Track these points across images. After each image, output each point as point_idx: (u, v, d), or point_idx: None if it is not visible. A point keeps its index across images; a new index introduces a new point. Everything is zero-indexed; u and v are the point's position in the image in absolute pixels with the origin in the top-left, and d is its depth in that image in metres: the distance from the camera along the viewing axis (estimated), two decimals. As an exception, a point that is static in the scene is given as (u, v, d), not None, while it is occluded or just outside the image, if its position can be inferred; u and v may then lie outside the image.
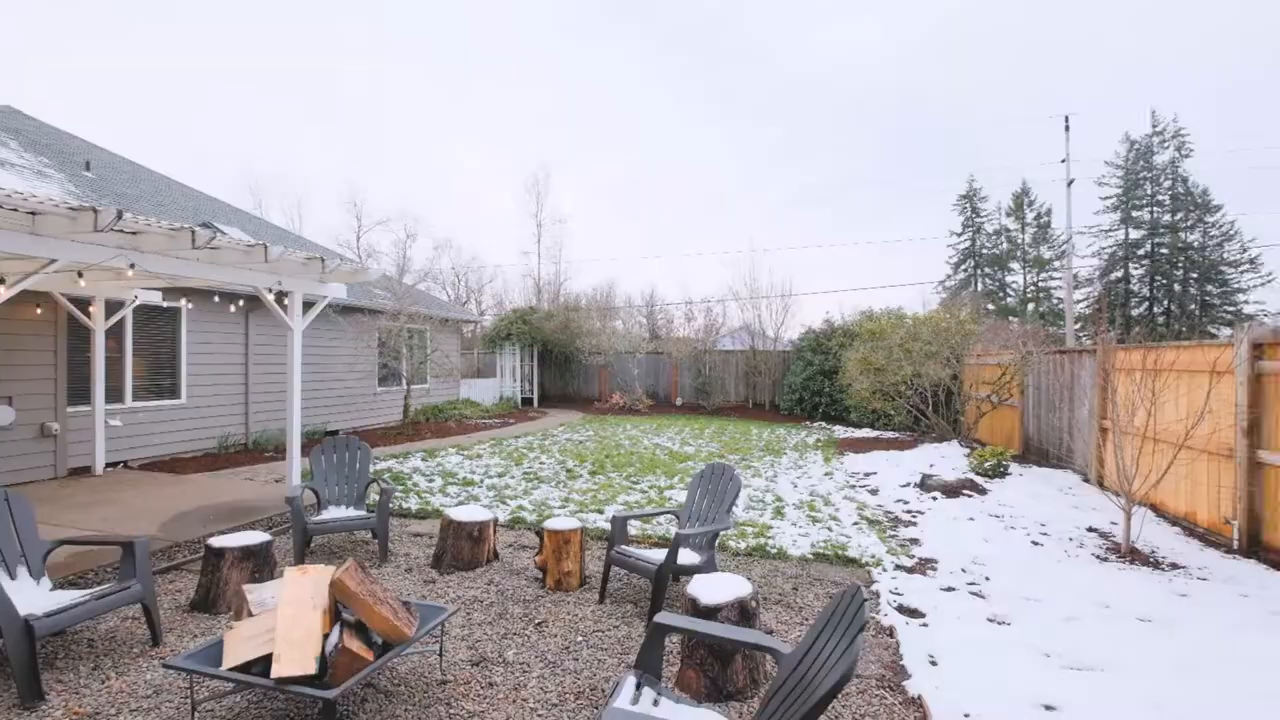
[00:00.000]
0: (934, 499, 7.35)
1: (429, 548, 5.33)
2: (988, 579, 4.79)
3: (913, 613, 4.18)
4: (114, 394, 8.63)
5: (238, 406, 10.54)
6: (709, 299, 20.85)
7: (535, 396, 20.11)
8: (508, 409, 17.71)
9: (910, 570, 5.03)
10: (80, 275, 6.05)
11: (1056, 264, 37.03)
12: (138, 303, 8.40)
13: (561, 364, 20.73)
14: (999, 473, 8.38)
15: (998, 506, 6.97)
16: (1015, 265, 41.13)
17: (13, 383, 7.28)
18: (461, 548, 4.89)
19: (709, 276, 45.73)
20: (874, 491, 7.95)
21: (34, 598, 3.33)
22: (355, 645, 2.67)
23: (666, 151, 60.64)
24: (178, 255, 5.58)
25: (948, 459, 9.69)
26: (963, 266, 42.80)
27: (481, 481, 7.99)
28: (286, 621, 2.62)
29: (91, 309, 7.94)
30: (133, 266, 5.29)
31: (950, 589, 4.59)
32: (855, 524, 6.34)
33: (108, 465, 8.31)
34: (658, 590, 3.97)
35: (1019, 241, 40.94)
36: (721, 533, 5.92)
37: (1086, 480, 8.02)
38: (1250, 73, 46.54)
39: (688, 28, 58.54)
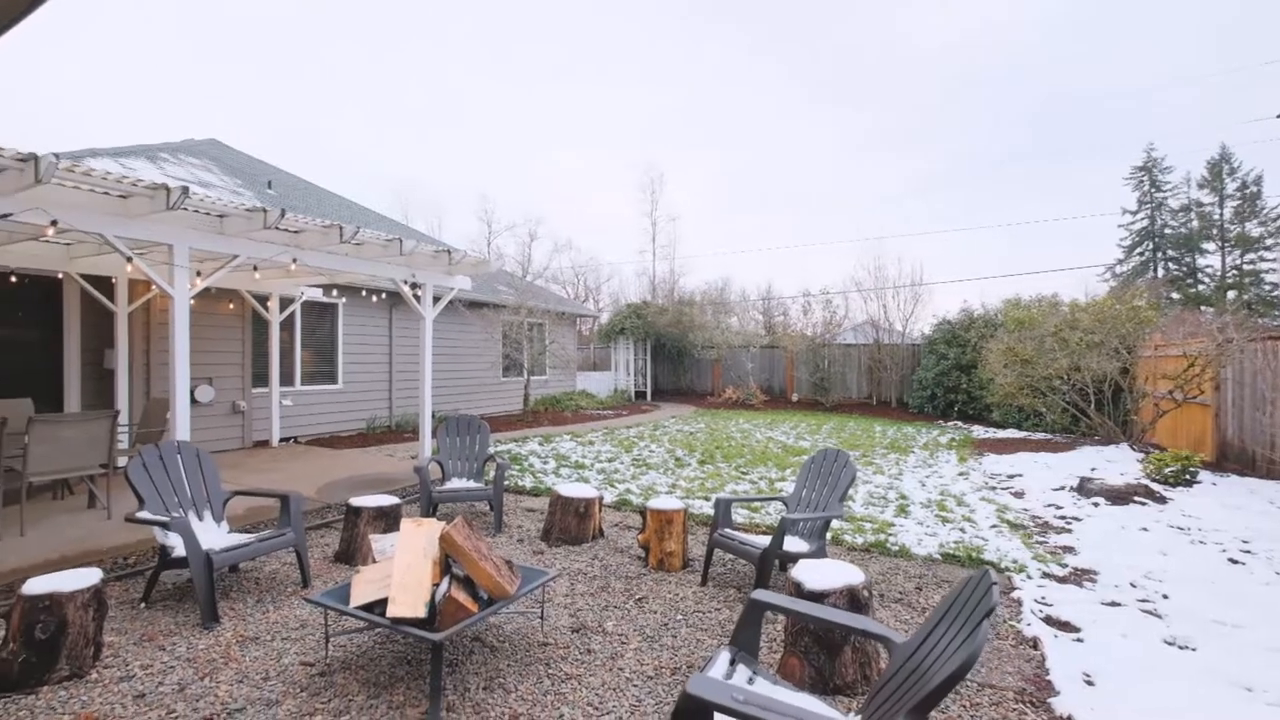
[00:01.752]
0: (1094, 505, 6.36)
1: (540, 522, 5.54)
2: (1165, 596, 4.03)
3: (1063, 625, 3.62)
4: (286, 379, 9.96)
5: (383, 392, 11.74)
6: (828, 290, 19.77)
7: (648, 390, 20.35)
8: (621, 401, 18.09)
9: (1062, 580, 4.37)
10: (255, 269, 7.01)
11: (1269, 241, 30.74)
12: (304, 298, 9.63)
13: (674, 358, 20.78)
14: (1184, 480, 7.07)
15: (1181, 518, 5.88)
16: (1210, 246, 34.76)
17: (212, 366, 8.65)
18: (569, 523, 5.02)
19: (829, 269, 43.45)
20: (1018, 494, 7.06)
21: (214, 537, 3.90)
22: (462, 596, 2.80)
23: (778, 145, 58.87)
24: (329, 250, 6.29)
25: (1114, 463, 8.36)
26: (1139, 250, 36.98)
27: (592, 465, 8.20)
28: (401, 568, 2.82)
29: (269, 304, 9.21)
30: (295, 260, 6.04)
31: (1114, 604, 3.92)
32: (994, 527, 5.65)
33: (281, 440, 9.61)
34: (761, 575, 3.79)
35: (1215, 218, 34.54)
36: (835, 525, 5.57)
37: (1309, 493, 6.52)
38: None
39: (789, 20, 56.10)
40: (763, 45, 58.06)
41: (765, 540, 4.01)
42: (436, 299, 7.75)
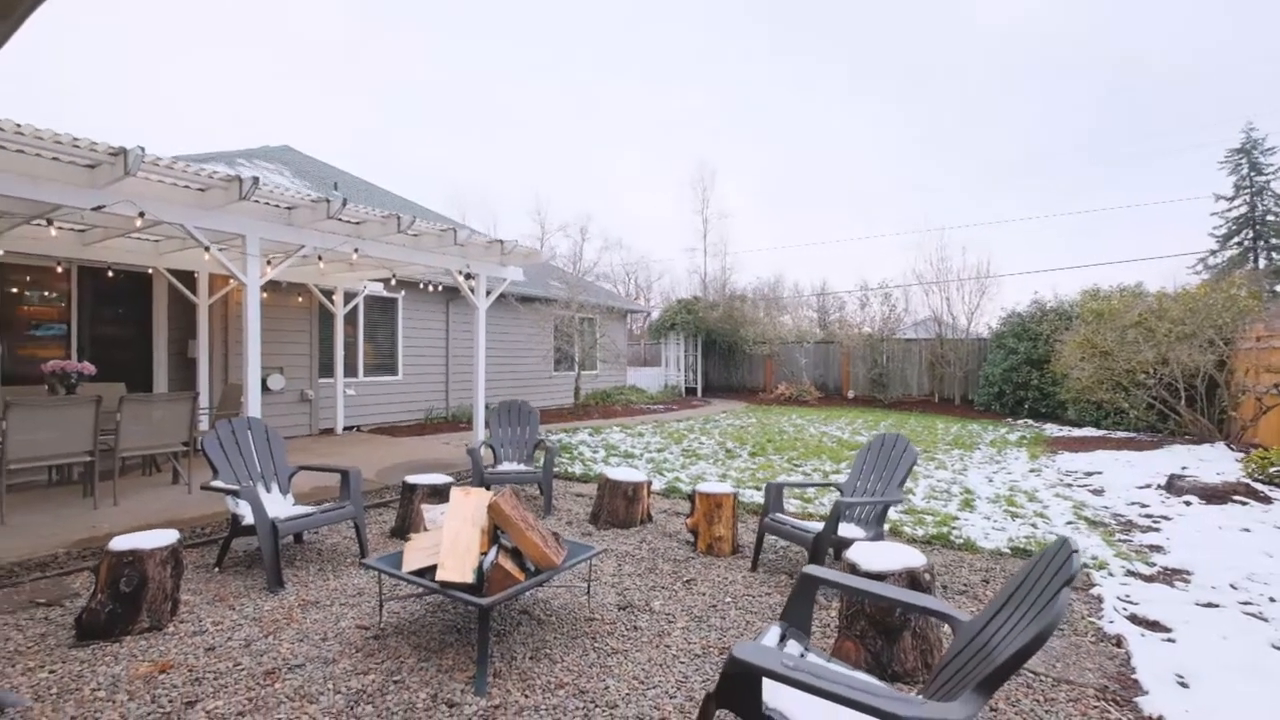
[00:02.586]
0: (1186, 504, 5.83)
1: (589, 506, 5.55)
2: (1272, 600, 3.64)
3: (1152, 625, 3.32)
4: (350, 370, 10.40)
5: (440, 384, 12.10)
6: (887, 283, 18.99)
7: (698, 386, 20.17)
8: (671, 397, 18.01)
9: (1149, 579, 4.02)
10: (320, 259, 7.33)
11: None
12: (366, 292, 10.03)
13: (725, 354, 20.52)
14: (1292, 480, 6.39)
15: (1290, 519, 5.31)
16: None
17: (283, 356, 9.13)
18: (617, 506, 5.00)
19: (887, 264, 41.85)
20: (1097, 492, 6.56)
21: (280, 508, 4.08)
22: (509, 565, 2.81)
23: (832, 140, 57.40)
24: (388, 241, 6.51)
25: (1207, 462, 7.66)
26: (1236, 239, 33.90)
27: (641, 455, 8.17)
28: (450, 535, 2.86)
29: (334, 298, 9.65)
30: (356, 251, 6.29)
31: (1212, 605, 3.57)
32: (1070, 523, 5.27)
33: (345, 428, 10.05)
34: (814, 560, 3.64)
35: (1327, 201, 31.28)
36: (893, 517, 5.34)
37: None
38: None
39: (843, 11, 54.37)
40: (815, 39, 56.78)
41: (819, 526, 3.86)
42: (489, 291, 7.91)
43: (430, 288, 10.80)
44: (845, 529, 3.92)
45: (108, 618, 2.95)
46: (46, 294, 7.32)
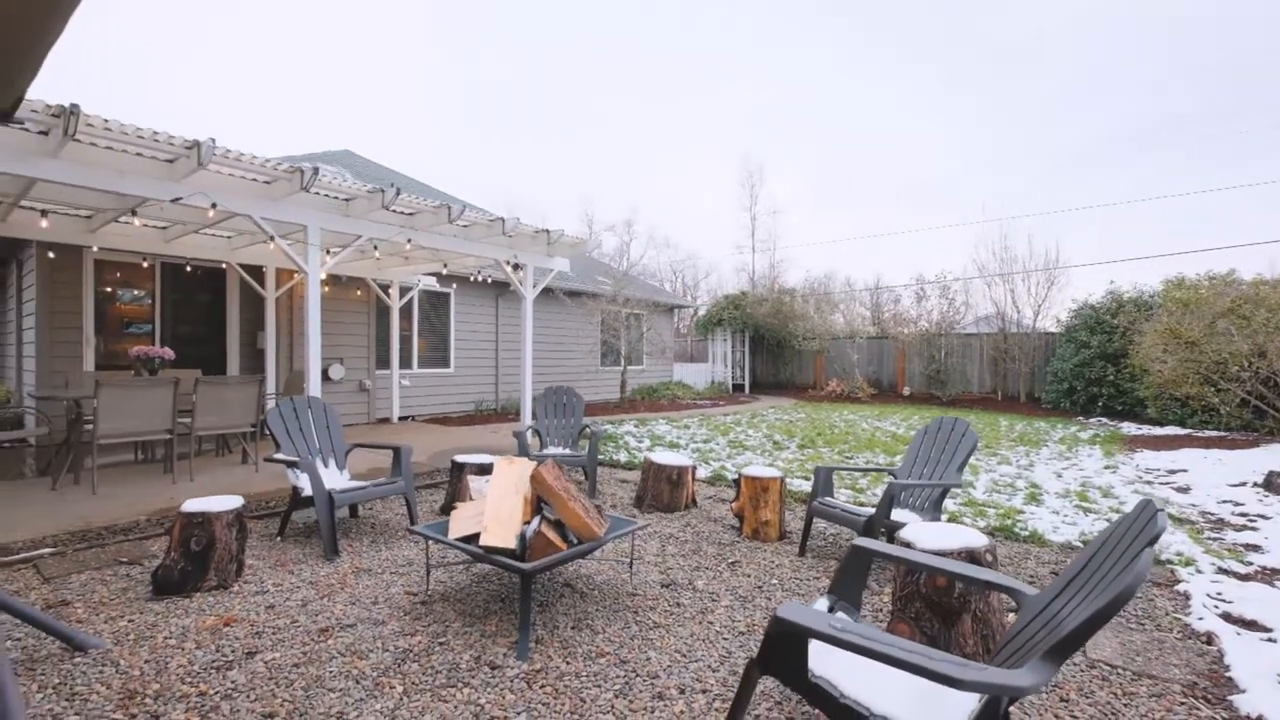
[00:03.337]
0: (1288, 503, 5.31)
1: (633, 491, 5.53)
2: (1395, 603, 3.25)
3: (1248, 624, 3.02)
4: (404, 362, 10.76)
5: (490, 377, 12.37)
6: (945, 274, 18.12)
7: (746, 383, 19.89)
8: (718, 393, 17.82)
9: (1244, 578, 3.67)
10: (375, 248, 7.60)
11: None
12: (420, 286, 10.36)
13: (774, 350, 20.14)
14: None
15: None
16: None
17: (342, 347, 9.53)
18: (661, 490, 4.96)
19: (945, 259, 40.11)
20: (1182, 489, 6.06)
21: (336, 481, 4.25)
22: (551, 534, 2.82)
23: (886, 133, 55.30)
24: (439, 231, 6.69)
25: (1314, 461, 6.96)
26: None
27: (687, 445, 8.10)
28: (494, 502, 2.88)
29: (390, 291, 10.00)
30: (409, 241, 6.49)
31: (1319, 605, 3.22)
32: (1150, 519, 4.87)
33: (400, 418, 10.40)
34: (866, 544, 3.50)
35: None
36: (951, 508, 5.09)
37: None
38: None
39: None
40: (868, 30, 55.10)
41: (870, 510, 3.71)
42: (536, 282, 8.02)
43: (482, 276, 11.01)
44: (899, 515, 3.75)
45: (180, 575, 3.13)
46: (136, 293, 7.89)
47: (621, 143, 64.31)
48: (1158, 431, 10.75)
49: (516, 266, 7.75)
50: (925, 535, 2.77)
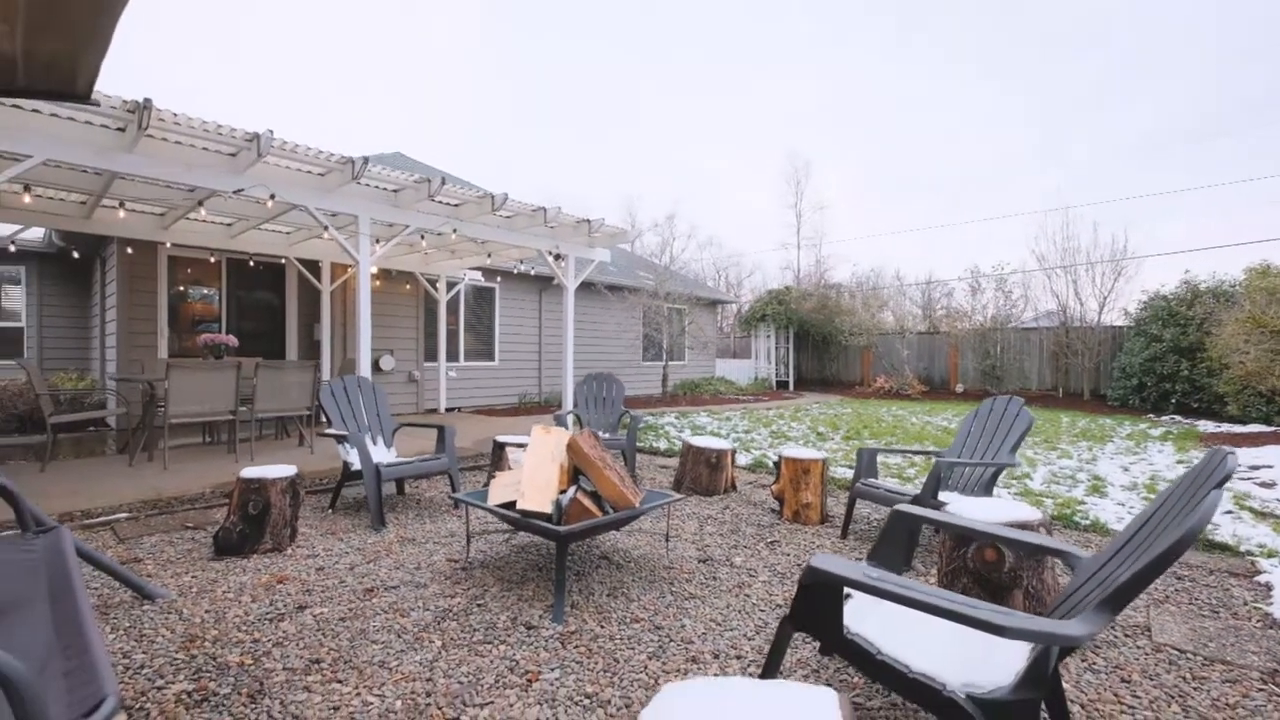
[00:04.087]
0: (1392, 499, 4.84)
1: (672, 476, 5.51)
2: None
3: (1341, 616, 2.77)
4: (451, 355, 11.05)
5: (533, 370, 12.57)
6: (1002, 266, 17.30)
7: (790, 379, 19.53)
8: (761, 389, 17.59)
9: (1337, 571, 3.36)
10: (423, 238, 7.82)
11: None
12: (466, 280, 10.62)
13: (819, 345, 19.71)
14: None
15: None
16: None
17: (392, 340, 9.87)
18: (700, 473, 4.92)
19: (1000, 252, 38.28)
20: (1266, 485, 5.61)
21: (383, 456, 4.40)
22: (587, 502, 2.84)
23: (935, 127, 53.29)
24: (483, 222, 6.84)
25: None
26: None
27: (728, 436, 8.01)
28: (530, 469, 2.92)
29: (438, 285, 10.30)
30: (455, 231, 6.66)
31: None
32: (1228, 513, 4.53)
33: (447, 408, 10.69)
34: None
35: None
36: (1005, 494, 4.87)
37: None
38: None
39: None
40: (912, 30, 53.35)
41: (916, 491, 3.58)
42: (577, 273, 8.10)
43: (525, 267, 11.15)
44: (946, 496, 3.60)
45: (238, 537, 3.30)
46: (205, 291, 8.39)
47: (663, 143, 64.42)
48: (1239, 429, 9.97)
49: (558, 257, 7.85)
50: (973, 509, 2.65)
